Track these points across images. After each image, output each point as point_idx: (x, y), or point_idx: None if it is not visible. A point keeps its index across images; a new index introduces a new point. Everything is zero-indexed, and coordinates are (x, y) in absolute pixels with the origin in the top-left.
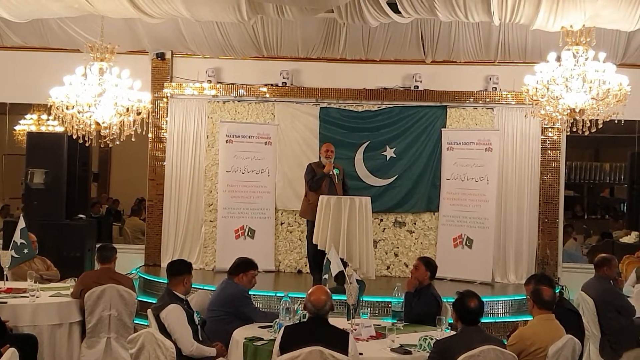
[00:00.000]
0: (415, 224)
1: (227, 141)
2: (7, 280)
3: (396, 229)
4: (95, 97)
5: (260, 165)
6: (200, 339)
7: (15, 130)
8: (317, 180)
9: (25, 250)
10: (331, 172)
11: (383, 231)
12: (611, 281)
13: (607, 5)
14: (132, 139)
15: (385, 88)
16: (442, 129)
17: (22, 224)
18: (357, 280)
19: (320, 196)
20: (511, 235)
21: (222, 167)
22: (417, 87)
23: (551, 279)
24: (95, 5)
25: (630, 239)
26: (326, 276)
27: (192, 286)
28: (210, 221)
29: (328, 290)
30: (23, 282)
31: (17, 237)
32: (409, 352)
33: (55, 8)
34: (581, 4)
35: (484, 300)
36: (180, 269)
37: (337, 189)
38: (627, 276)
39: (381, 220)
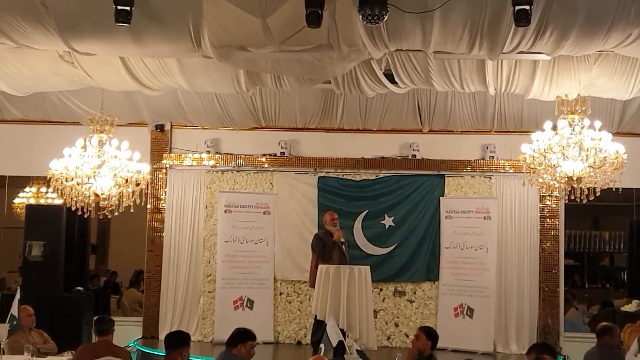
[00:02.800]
0: (415, 293)
1: (225, 211)
2: (3, 353)
3: (396, 298)
4: (95, 168)
5: (259, 235)
6: None
7: (14, 203)
8: (328, 250)
9: (14, 322)
10: (341, 240)
11: (383, 301)
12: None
13: (601, 75)
14: (131, 210)
15: (383, 157)
16: (441, 197)
17: (18, 296)
18: (357, 350)
19: (320, 265)
20: (512, 304)
21: (220, 237)
22: (415, 155)
23: (553, 348)
24: (95, 78)
25: (631, 307)
26: (322, 346)
27: (190, 359)
28: (209, 292)
29: None
30: (20, 356)
31: (14, 310)
32: None
33: (56, 82)
34: (576, 73)
35: None
36: (178, 341)
37: (346, 257)
38: (629, 345)
39: (381, 289)
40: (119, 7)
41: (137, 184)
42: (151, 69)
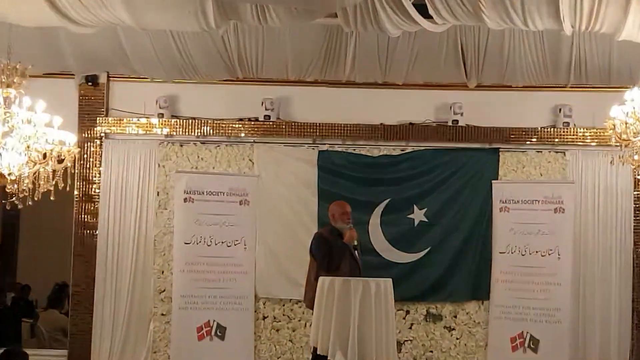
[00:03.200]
0: (455, 317)
1: (186, 200)
2: None
3: (429, 324)
4: None
5: (233, 234)
6: None
7: None
8: (336, 256)
9: None
10: (354, 242)
11: (410, 328)
12: None
13: None
14: (51, 198)
15: (411, 123)
16: (493, 181)
17: None
18: None
19: (320, 278)
20: (593, 332)
21: (178, 237)
22: (457, 122)
23: None
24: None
25: None
26: None
27: None
28: (162, 315)
29: None
30: None
31: None
32: None
33: None
34: None
35: None
36: None
37: (360, 267)
38: None
39: (407, 312)
40: None
41: (60, 161)
42: None
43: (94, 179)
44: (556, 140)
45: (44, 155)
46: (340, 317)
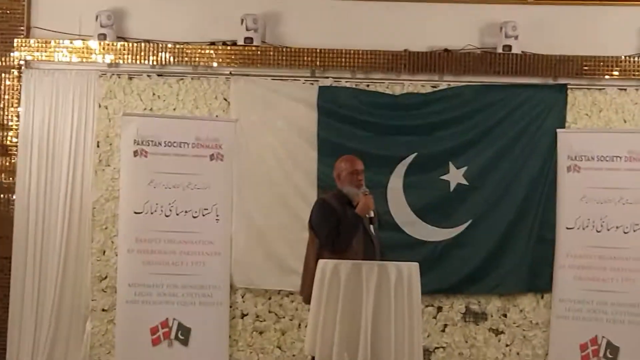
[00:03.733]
0: (505, 316)
1: (136, 153)
2: None
3: (469, 325)
4: None
5: (201, 200)
6: None
7: None
8: (346, 230)
9: None
10: (371, 214)
11: (443, 330)
12: None
13: None
14: None
15: (446, 50)
16: (559, 131)
17: None
18: None
19: (321, 261)
20: None
21: (126, 204)
22: (510, 48)
23: None
24: None
25: None
26: None
27: None
28: (103, 310)
29: None
30: None
31: None
32: None
33: None
34: None
35: None
36: None
37: (375, 246)
38: None
39: (439, 309)
40: None
41: None
42: None
43: (10, 124)
44: None
45: None
46: (347, 315)
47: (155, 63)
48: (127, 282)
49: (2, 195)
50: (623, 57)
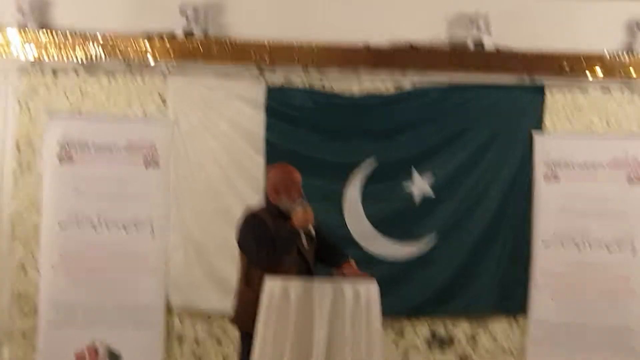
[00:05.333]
0: (475, 340)
1: (62, 158)
2: None
3: (434, 352)
4: None
5: (134, 211)
6: None
7: None
8: (282, 247)
9: None
10: (309, 228)
11: (406, 357)
12: None
13: None
14: None
15: (411, 45)
16: (536, 135)
17: None
18: None
19: (268, 281)
20: None
21: (49, 215)
22: (482, 42)
23: None
24: None
25: None
26: None
27: None
28: (24, 334)
29: None
30: None
31: None
32: None
33: None
34: None
35: None
36: None
37: (309, 265)
38: None
39: (401, 333)
40: None
41: None
42: None
43: None
44: (632, 72)
45: None
46: (298, 340)
47: (83, 57)
48: (50, 302)
49: None
50: (607, 53)
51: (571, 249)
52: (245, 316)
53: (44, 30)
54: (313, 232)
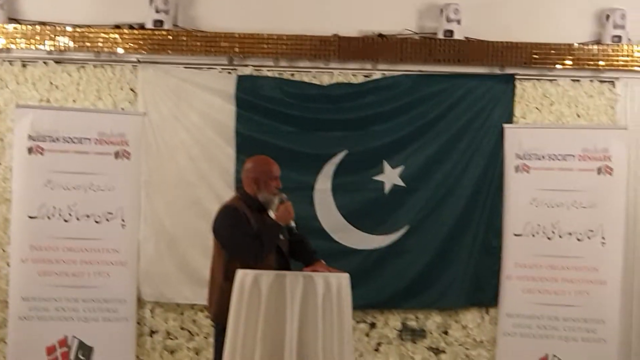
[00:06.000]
0: (446, 333)
1: (31, 150)
2: None
3: (406, 343)
4: None
5: (104, 203)
6: None
7: None
8: (268, 243)
9: None
10: (291, 224)
11: (377, 350)
12: None
13: None
14: None
15: (381, 35)
16: (506, 126)
17: None
18: None
19: (239, 272)
20: None
21: (19, 207)
22: (451, 33)
23: None
24: None
25: None
26: None
27: None
28: None
29: None
30: None
31: None
32: None
33: None
34: None
35: None
36: None
37: (287, 259)
38: None
39: (373, 325)
40: None
41: None
42: None
43: None
44: (601, 63)
45: None
46: (269, 332)
47: (52, 48)
48: (20, 296)
49: None
50: (576, 44)
51: (542, 240)
52: (225, 311)
53: (13, 21)
54: (295, 227)
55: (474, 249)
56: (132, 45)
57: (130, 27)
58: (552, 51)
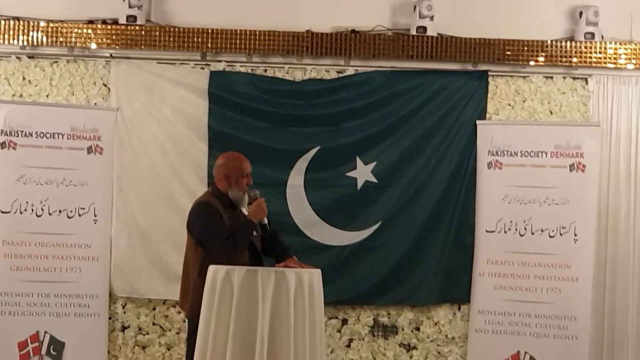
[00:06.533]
0: (418, 330)
1: (4, 145)
2: None
3: (377, 340)
4: None
5: (77, 198)
6: None
7: None
8: (243, 240)
9: None
10: (264, 220)
11: (349, 346)
12: None
13: None
14: None
15: (354, 31)
16: (479, 122)
17: None
18: None
19: (211, 267)
20: (624, 353)
21: None
22: (425, 29)
23: None
24: None
25: None
26: None
27: None
28: None
29: None
30: None
31: None
32: None
33: None
34: None
35: None
36: None
37: (260, 256)
38: None
39: (344, 321)
40: None
41: None
42: None
43: None
44: (574, 60)
45: None
46: (241, 327)
47: (25, 43)
48: None
49: None
50: (549, 41)
51: (514, 237)
52: (200, 307)
53: None
54: (268, 223)
55: (447, 245)
56: (105, 40)
57: (104, 22)
58: (525, 48)
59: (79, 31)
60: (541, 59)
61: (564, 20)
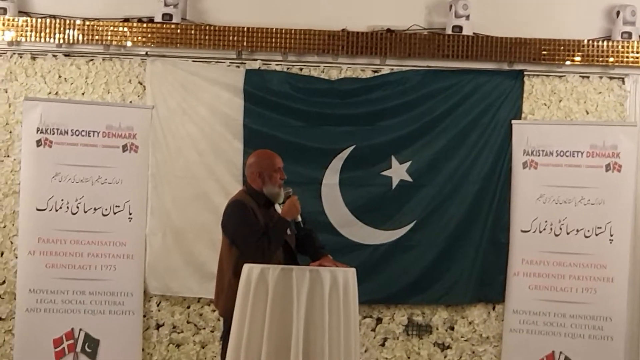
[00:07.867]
0: (452, 329)
1: (39, 143)
2: None
3: (411, 340)
4: None
5: (112, 196)
6: None
7: None
8: (277, 239)
9: None
10: (298, 218)
11: (383, 345)
12: None
13: None
14: None
15: (389, 30)
16: (514, 122)
17: None
18: None
19: (245, 266)
20: None
21: (27, 200)
22: (460, 29)
23: None
24: None
25: None
26: None
27: None
28: (1, 319)
29: None
30: None
31: None
32: None
33: None
34: None
35: None
36: None
37: (295, 254)
38: None
39: (379, 320)
40: None
41: None
42: None
43: None
44: (611, 59)
45: None
46: (275, 327)
47: (61, 41)
48: (27, 288)
49: None
50: (586, 41)
51: (549, 236)
52: (232, 305)
53: (23, 14)
54: (302, 221)
55: (481, 244)
56: (140, 38)
57: (139, 20)
58: (561, 47)
59: (115, 29)
60: (577, 58)
61: (600, 19)
